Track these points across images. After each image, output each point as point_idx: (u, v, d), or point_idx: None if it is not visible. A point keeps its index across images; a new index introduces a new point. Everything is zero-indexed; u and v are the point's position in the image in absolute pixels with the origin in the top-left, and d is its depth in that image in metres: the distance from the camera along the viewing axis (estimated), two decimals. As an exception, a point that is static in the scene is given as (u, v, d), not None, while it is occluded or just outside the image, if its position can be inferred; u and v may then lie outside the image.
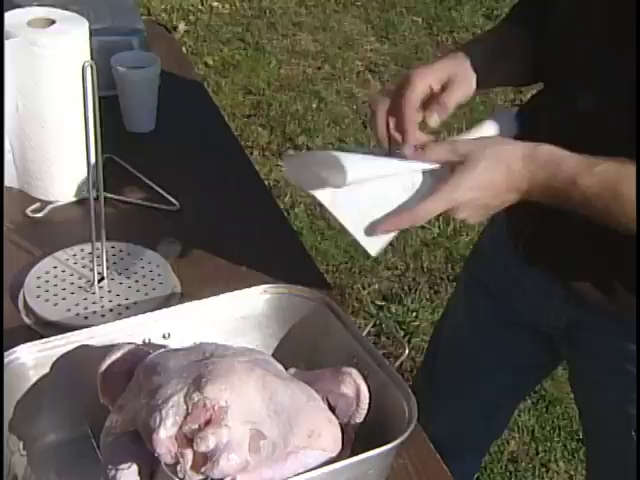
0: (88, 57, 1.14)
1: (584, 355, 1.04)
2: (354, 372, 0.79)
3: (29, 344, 0.80)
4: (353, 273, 2.35)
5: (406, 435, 0.74)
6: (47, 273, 1.05)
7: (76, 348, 0.81)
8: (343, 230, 0.84)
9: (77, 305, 1.00)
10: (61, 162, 1.20)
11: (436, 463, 0.86)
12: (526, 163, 0.83)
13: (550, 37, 0.96)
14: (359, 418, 0.79)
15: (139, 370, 0.75)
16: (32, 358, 0.80)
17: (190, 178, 1.29)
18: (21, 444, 0.79)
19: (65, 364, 0.81)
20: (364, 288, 2.30)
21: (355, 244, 0.84)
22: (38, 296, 1.01)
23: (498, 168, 0.83)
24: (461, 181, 0.83)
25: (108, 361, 0.77)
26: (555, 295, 1.02)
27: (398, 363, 0.84)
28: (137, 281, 1.05)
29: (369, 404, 0.78)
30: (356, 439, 0.79)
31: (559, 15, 0.94)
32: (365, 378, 0.79)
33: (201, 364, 0.72)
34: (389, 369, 0.81)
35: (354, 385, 0.78)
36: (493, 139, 0.89)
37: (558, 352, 1.10)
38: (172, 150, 1.36)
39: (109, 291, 1.03)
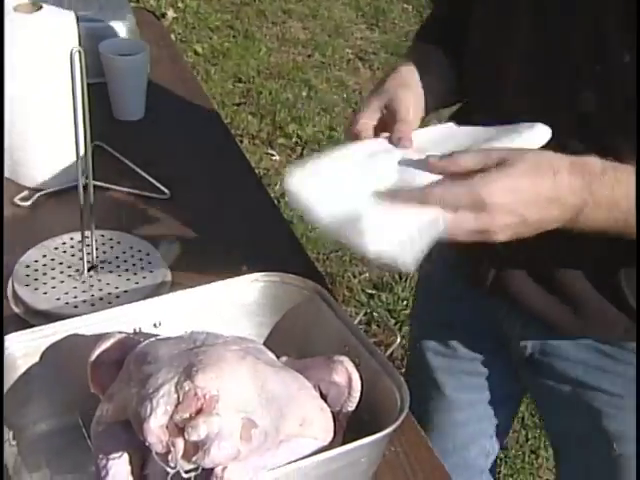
0: (75, 43, 1.12)
1: (549, 380, 0.98)
2: (346, 360, 0.78)
3: (18, 333, 0.79)
4: (344, 262, 2.35)
5: (398, 423, 0.74)
6: (36, 262, 1.04)
7: (66, 337, 0.81)
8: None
9: (67, 294, 1.00)
10: (49, 150, 1.18)
11: (428, 451, 0.86)
12: (576, 171, 0.70)
13: (473, 55, 0.90)
14: (351, 406, 0.78)
15: (129, 359, 0.74)
16: (21, 347, 0.79)
17: (180, 166, 1.28)
18: (11, 433, 0.78)
19: (54, 353, 0.80)
20: (355, 277, 2.30)
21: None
22: (27, 285, 1.00)
23: (542, 172, 0.69)
24: (492, 178, 0.68)
25: (98, 350, 0.76)
26: (517, 321, 0.96)
27: (390, 351, 0.84)
28: (127, 270, 1.04)
29: (361, 392, 0.78)
30: (348, 427, 0.79)
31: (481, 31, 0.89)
32: (357, 366, 0.79)
33: (192, 353, 0.71)
34: (381, 357, 0.81)
35: (346, 373, 0.78)
36: (530, 149, 0.75)
37: (523, 381, 1.05)
38: (162, 138, 1.35)
39: (99, 280, 1.03)
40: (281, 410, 0.72)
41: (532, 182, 0.69)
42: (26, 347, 0.79)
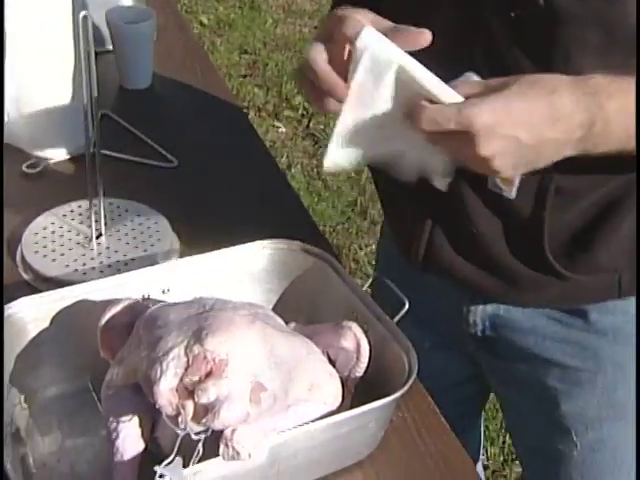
0: (82, 9, 1.12)
1: (504, 360, 0.95)
2: (354, 326, 0.79)
3: (28, 298, 0.80)
4: (350, 234, 2.35)
5: (407, 387, 0.74)
6: (45, 229, 1.04)
7: (75, 302, 0.81)
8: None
9: (75, 261, 1.00)
10: (56, 118, 1.18)
11: (435, 416, 0.86)
12: (579, 87, 0.65)
13: None
14: (359, 372, 0.79)
15: (139, 323, 0.75)
16: (31, 312, 0.79)
17: (187, 135, 1.28)
18: (22, 397, 0.79)
19: (64, 318, 0.81)
20: (361, 249, 2.30)
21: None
22: (36, 252, 1.00)
23: (536, 91, 0.64)
24: (483, 100, 0.64)
25: (108, 315, 0.77)
26: (462, 298, 0.93)
27: (397, 318, 0.84)
28: (135, 238, 1.05)
29: (369, 358, 0.79)
30: (356, 393, 0.79)
31: None
32: (365, 332, 0.79)
33: (201, 317, 0.71)
34: (389, 323, 0.81)
35: (354, 339, 0.78)
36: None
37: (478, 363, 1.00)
38: (169, 107, 1.35)
39: (107, 247, 1.03)
40: (290, 374, 0.72)
41: (524, 101, 0.64)
42: (36, 312, 0.80)
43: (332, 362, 0.79)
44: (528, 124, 0.64)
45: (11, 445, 0.66)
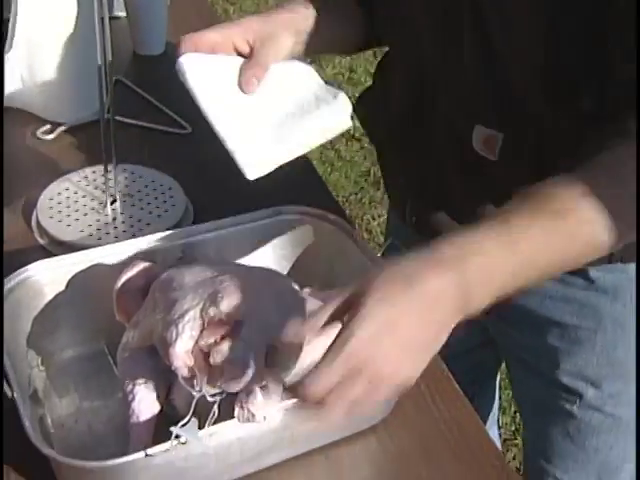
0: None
1: (508, 326, 0.95)
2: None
3: (43, 261, 0.80)
4: (363, 204, 2.35)
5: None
6: (59, 194, 1.05)
7: (91, 266, 0.81)
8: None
9: (90, 226, 1.00)
10: (70, 84, 1.18)
11: (449, 383, 0.86)
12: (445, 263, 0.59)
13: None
14: None
15: (155, 286, 0.75)
16: (47, 275, 0.80)
17: (201, 102, 1.27)
18: (40, 359, 0.80)
19: (80, 282, 0.81)
20: (374, 219, 2.30)
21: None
22: (51, 217, 1.01)
23: (399, 278, 0.58)
24: (351, 322, 0.57)
25: (123, 278, 0.77)
26: None
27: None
28: (149, 203, 1.05)
29: None
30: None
31: None
32: None
33: (216, 280, 0.72)
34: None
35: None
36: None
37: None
38: (182, 73, 1.34)
39: (122, 213, 1.03)
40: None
41: (391, 291, 0.58)
42: (52, 275, 0.80)
43: None
44: (407, 317, 0.58)
45: (30, 406, 0.66)
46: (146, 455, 0.63)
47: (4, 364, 0.68)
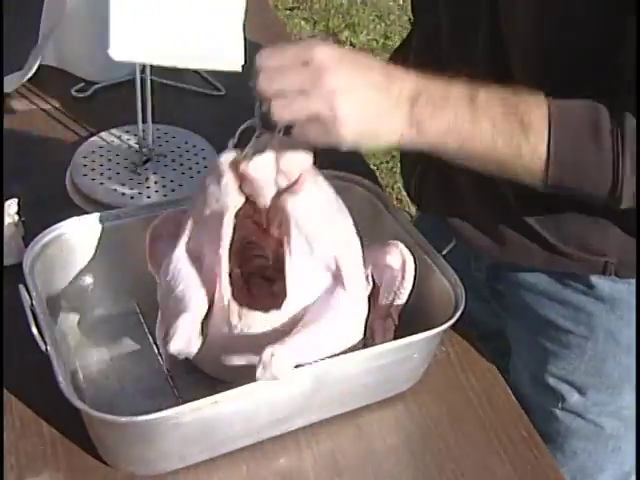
0: None
1: (511, 316, 0.94)
2: (400, 244, 0.78)
3: (76, 218, 0.80)
4: (394, 173, 2.33)
5: (453, 320, 0.74)
6: (93, 153, 1.05)
7: (123, 224, 0.81)
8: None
9: (123, 185, 1.00)
10: (106, 42, 1.17)
11: (478, 352, 0.86)
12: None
13: None
14: (403, 293, 0.78)
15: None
16: (79, 232, 0.80)
17: (235, 63, 1.26)
18: (73, 316, 0.81)
19: (112, 239, 0.81)
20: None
21: None
22: (84, 175, 1.01)
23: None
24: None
25: (155, 225, 0.77)
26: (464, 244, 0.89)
27: (445, 251, 0.83)
28: (182, 164, 1.05)
29: (413, 283, 0.77)
30: (401, 325, 0.79)
31: None
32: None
33: None
34: (436, 256, 0.80)
35: (400, 255, 0.77)
36: None
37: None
38: (217, 34, 1.33)
39: (154, 173, 1.03)
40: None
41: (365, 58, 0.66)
42: (84, 232, 0.80)
43: (377, 286, 0.78)
44: (369, 73, 0.64)
45: (63, 361, 0.67)
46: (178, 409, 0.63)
47: (38, 318, 0.68)
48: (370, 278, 0.78)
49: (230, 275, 0.71)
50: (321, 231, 0.72)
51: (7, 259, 0.86)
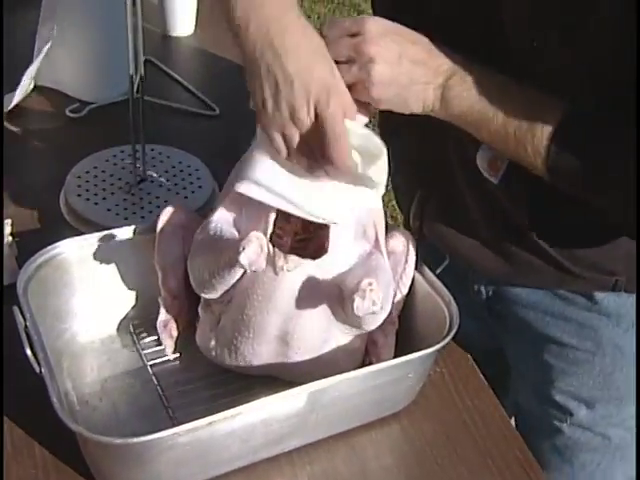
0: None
1: (510, 332, 0.94)
2: (402, 230, 0.81)
3: (71, 239, 0.80)
4: (389, 191, 2.33)
5: (448, 340, 0.74)
6: (87, 173, 1.05)
7: (118, 244, 0.81)
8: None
9: (117, 206, 1.00)
10: (100, 62, 1.18)
11: (473, 372, 0.86)
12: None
13: None
14: (406, 283, 0.79)
15: None
16: (74, 253, 0.80)
17: (230, 83, 1.27)
18: (67, 337, 0.80)
19: (107, 260, 0.81)
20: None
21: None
22: (79, 195, 1.01)
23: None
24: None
25: (166, 212, 0.79)
26: (467, 268, 0.91)
27: (439, 271, 0.84)
28: (176, 184, 1.05)
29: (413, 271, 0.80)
30: (397, 346, 0.79)
31: None
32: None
33: None
34: (430, 276, 0.81)
35: (404, 240, 0.80)
36: None
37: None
38: (211, 55, 1.34)
39: (148, 193, 1.03)
40: None
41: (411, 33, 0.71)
42: (79, 253, 0.80)
43: None
44: (411, 47, 0.70)
45: (56, 383, 0.67)
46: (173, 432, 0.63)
47: (32, 339, 0.68)
48: None
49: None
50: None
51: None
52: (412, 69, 0.70)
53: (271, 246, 0.69)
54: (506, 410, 0.84)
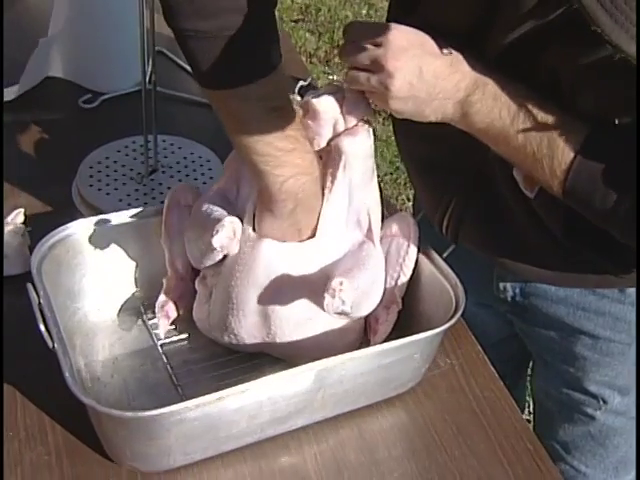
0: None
1: (536, 326, 0.94)
2: (404, 214, 0.82)
3: (83, 220, 0.82)
4: (398, 184, 2.34)
5: (453, 321, 0.75)
6: (99, 163, 1.06)
7: (129, 225, 0.83)
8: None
9: (129, 196, 1.02)
10: (113, 53, 1.19)
11: (483, 364, 0.86)
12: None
13: None
14: (409, 266, 0.80)
15: None
16: (86, 234, 0.81)
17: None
18: (80, 316, 0.82)
19: (118, 241, 0.83)
20: (409, 200, 2.29)
21: None
22: (90, 185, 1.02)
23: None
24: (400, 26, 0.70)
25: (174, 190, 0.81)
26: (492, 266, 0.92)
27: (446, 254, 0.85)
28: (188, 175, 1.06)
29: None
30: (403, 327, 0.80)
31: None
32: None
33: None
34: (437, 259, 0.81)
35: (406, 223, 0.81)
36: None
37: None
38: (222, 47, 1.35)
39: (160, 184, 1.04)
40: None
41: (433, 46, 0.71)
42: (91, 234, 0.81)
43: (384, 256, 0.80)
44: (433, 61, 0.70)
45: (69, 358, 0.68)
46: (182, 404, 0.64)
47: (46, 316, 0.70)
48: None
49: None
50: (362, 182, 0.75)
51: (13, 268, 0.87)
52: (431, 85, 0.69)
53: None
54: (516, 401, 0.84)
